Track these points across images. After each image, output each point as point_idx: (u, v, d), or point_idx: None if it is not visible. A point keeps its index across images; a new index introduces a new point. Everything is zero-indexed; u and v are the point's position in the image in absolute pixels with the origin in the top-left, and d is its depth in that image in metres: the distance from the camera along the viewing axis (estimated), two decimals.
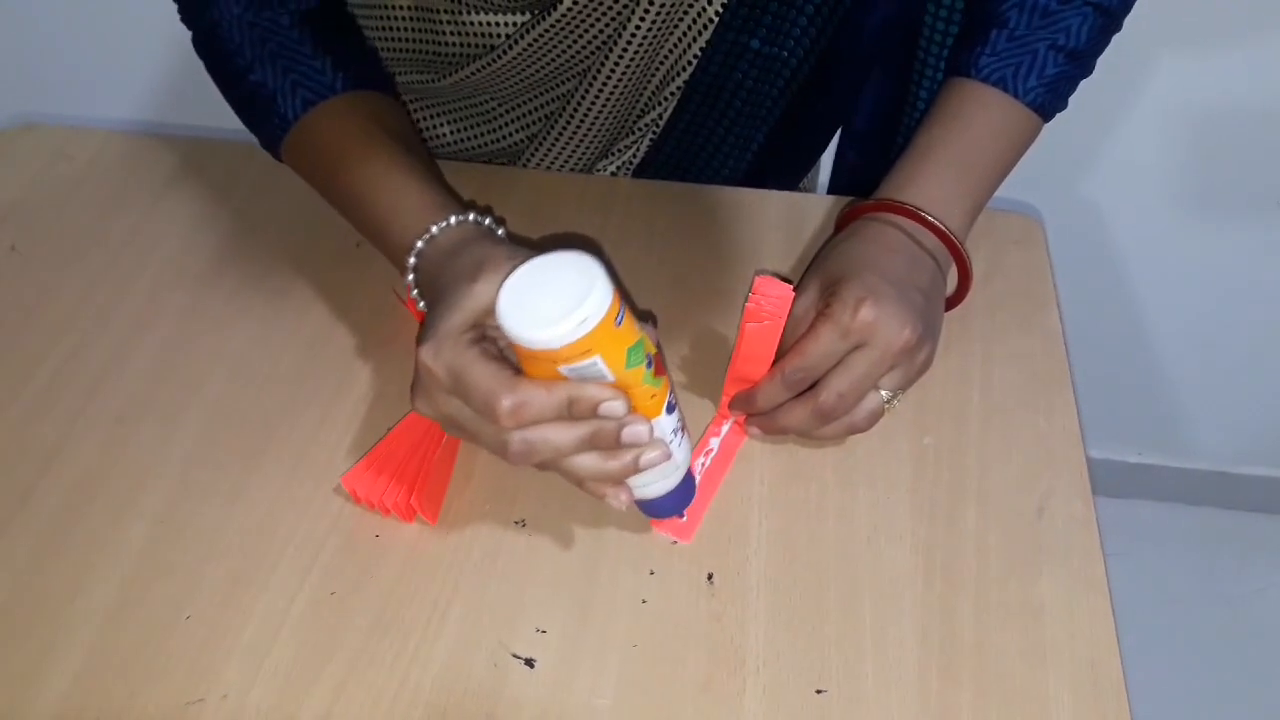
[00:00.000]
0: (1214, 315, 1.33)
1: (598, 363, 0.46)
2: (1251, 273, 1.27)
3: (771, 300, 0.54)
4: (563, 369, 0.46)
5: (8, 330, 0.66)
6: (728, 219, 0.73)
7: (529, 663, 0.52)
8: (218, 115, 1.25)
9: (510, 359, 0.49)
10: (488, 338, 0.49)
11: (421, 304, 0.55)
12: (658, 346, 0.49)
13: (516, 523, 0.57)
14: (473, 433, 0.49)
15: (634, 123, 0.76)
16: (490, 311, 0.48)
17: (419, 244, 0.55)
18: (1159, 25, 1.04)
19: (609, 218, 0.73)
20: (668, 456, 0.50)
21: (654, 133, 0.76)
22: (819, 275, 0.60)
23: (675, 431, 0.51)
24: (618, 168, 0.79)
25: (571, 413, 0.47)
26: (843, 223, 0.65)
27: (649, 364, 0.48)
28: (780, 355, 0.57)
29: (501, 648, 0.52)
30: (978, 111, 0.64)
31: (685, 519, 0.56)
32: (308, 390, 0.63)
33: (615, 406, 0.47)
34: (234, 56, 0.62)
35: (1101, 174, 1.20)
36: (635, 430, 0.48)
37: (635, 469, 0.50)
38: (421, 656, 0.51)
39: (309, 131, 0.62)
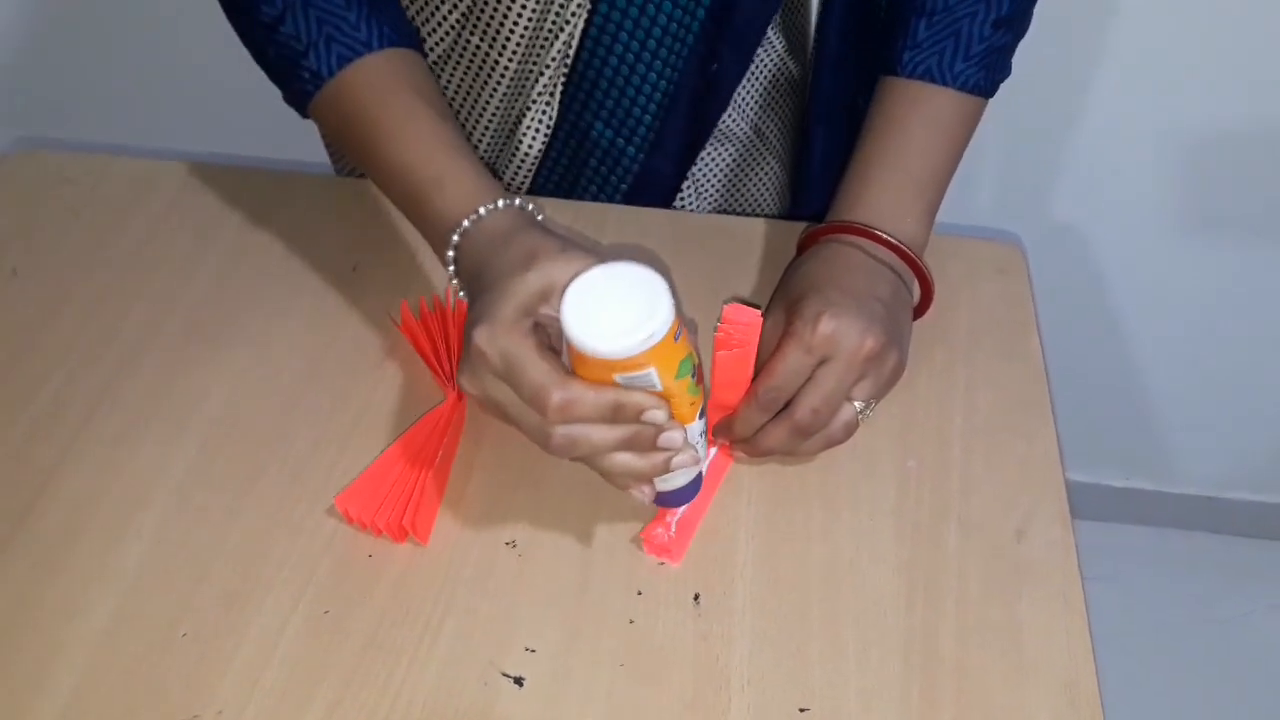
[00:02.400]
0: (1199, 340, 1.35)
1: (651, 374, 0.48)
2: (1235, 297, 1.29)
3: (740, 327, 0.56)
4: (617, 377, 0.48)
5: (9, 351, 0.67)
6: (711, 245, 0.74)
7: (518, 681, 0.52)
8: (217, 141, 1.27)
9: (560, 348, 0.51)
10: (539, 327, 0.51)
11: (455, 280, 0.56)
12: (698, 354, 0.52)
13: (507, 543, 0.58)
14: (515, 418, 0.50)
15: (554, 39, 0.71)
16: (542, 299, 0.49)
17: (465, 223, 0.55)
18: (1139, 51, 1.07)
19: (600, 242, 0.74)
20: (697, 461, 0.53)
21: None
22: (783, 298, 0.61)
23: (702, 434, 0.54)
24: (540, 92, 0.74)
25: (616, 417, 0.49)
26: (802, 247, 0.66)
27: (694, 375, 0.50)
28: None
29: (492, 667, 0.53)
30: (910, 113, 0.65)
31: (675, 535, 0.57)
32: (303, 412, 0.64)
33: (658, 415, 0.49)
34: (261, 4, 0.60)
35: (1084, 199, 1.21)
36: (671, 436, 0.50)
37: (666, 469, 0.52)
38: (413, 675, 0.52)
39: (344, 90, 0.60)
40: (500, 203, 0.55)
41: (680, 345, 0.49)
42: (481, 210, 0.55)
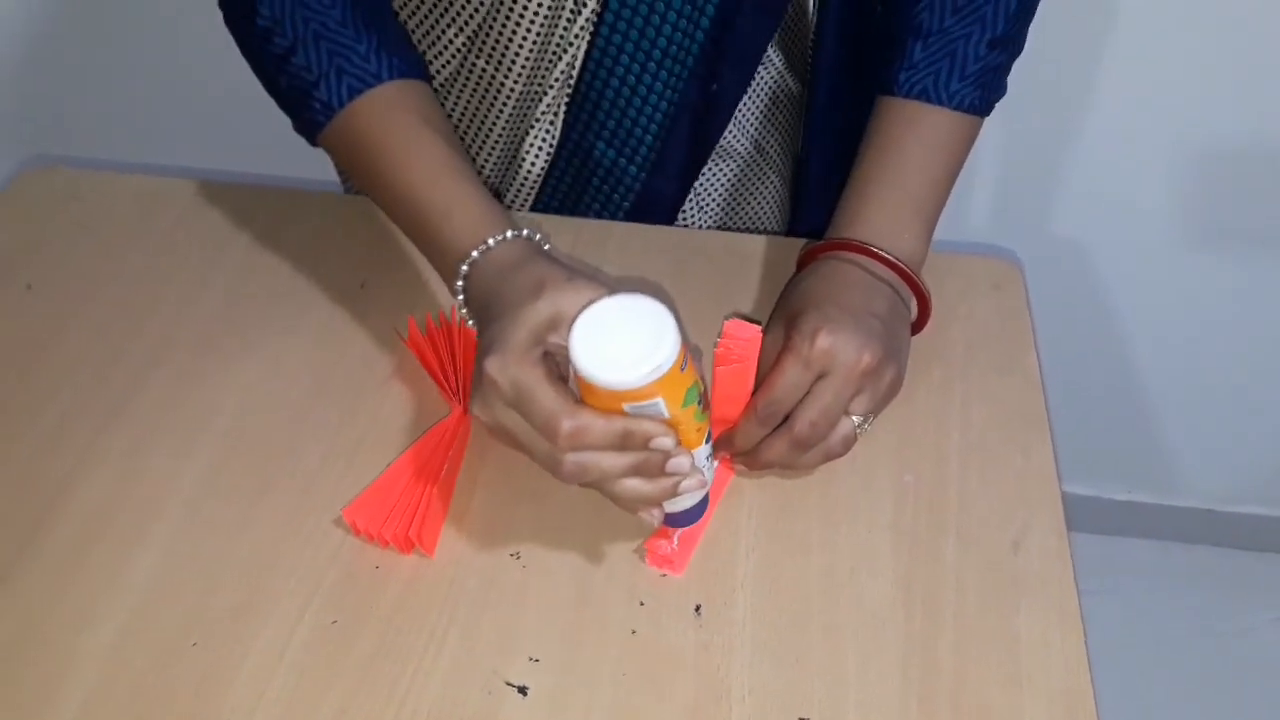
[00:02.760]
0: (1199, 353, 1.35)
1: (659, 404, 0.49)
2: (1234, 309, 1.29)
3: (740, 343, 0.57)
4: (626, 406, 0.49)
5: (23, 365, 0.68)
6: (712, 261, 0.75)
7: (522, 690, 0.53)
8: (226, 159, 1.29)
9: (568, 376, 0.52)
10: (549, 355, 0.52)
11: (464, 310, 0.57)
12: (703, 380, 0.53)
13: (511, 555, 0.59)
14: (526, 445, 0.52)
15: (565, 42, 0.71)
16: (551, 328, 0.51)
17: (474, 254, 0.56)
18: (1135, 66, 1.08)
19: (602, 261, 0.75)
20: (705, 484, 0.54)
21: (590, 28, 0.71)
22: (782, 313, 0.62)
23: (709, 457, 0.55)
24: (544, 112, 0.75)
25: (625, 444, 0.50)
26: (801, 263, 0.68)
27: (700, 401, 0.51)
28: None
29: (496, 676, 0.54)
30: (907, 132, 0.66)
31: (677, 546, 0.58)
32: (311, 425, 0.65)
33: (665, 442, 0.50)
34: (273, 35, 0.62)
35: (1081, 214, 1.22)
36: (679, 462, 0.52)
37: (674, 494, 0.53)
38: (418, 684, 0.53)
39: (354, 121, 0.62)
40: (509, 233, 0.57)
41: (687, 374, 0.50)
42: (490, 241, 0.56)
